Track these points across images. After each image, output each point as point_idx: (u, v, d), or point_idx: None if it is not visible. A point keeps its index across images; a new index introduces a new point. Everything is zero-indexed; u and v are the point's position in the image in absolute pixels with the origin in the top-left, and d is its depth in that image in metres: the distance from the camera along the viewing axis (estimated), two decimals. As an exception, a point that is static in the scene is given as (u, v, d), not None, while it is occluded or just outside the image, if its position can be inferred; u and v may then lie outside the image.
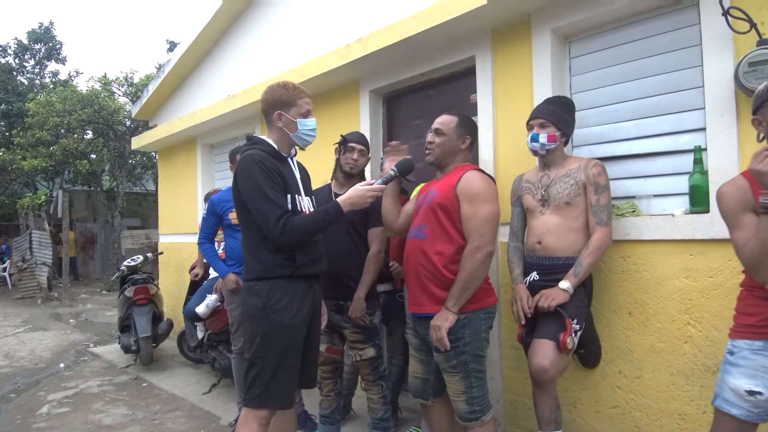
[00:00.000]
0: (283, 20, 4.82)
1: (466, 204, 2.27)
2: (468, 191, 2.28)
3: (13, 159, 13.73)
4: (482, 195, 2.27)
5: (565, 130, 2.50)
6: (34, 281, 11.68)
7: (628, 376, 2.56)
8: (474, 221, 2.25)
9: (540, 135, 2.47)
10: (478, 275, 2.23)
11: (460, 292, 2.23)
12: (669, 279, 2.41)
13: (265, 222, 2.12)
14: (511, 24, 3.05)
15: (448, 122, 2.46)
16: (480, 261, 2.22)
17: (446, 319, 2.23)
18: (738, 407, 1.73)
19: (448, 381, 2.34)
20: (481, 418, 2.30)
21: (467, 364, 2.27)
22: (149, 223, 16.37)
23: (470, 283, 2.23)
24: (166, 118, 6.61)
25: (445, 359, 2.29)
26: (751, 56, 2.11)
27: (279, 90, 2.26)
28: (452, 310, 2.23)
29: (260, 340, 2.15)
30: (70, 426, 3.71)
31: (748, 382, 1.71)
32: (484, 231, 2.24)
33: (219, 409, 3.90)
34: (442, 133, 2.45)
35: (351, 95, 4.09)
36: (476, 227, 2.24)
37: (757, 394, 1.69)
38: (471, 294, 2.25)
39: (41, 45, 19.06)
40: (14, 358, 5.90)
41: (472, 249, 2.23)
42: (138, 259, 5.78)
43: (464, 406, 2.31)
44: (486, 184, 2.31)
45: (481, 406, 2.31)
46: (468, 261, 2.22)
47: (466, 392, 2.29)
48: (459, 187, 2.30)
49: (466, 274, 2.22)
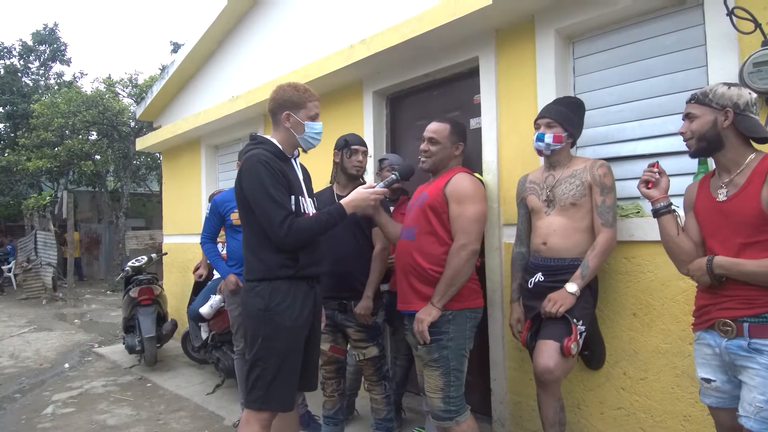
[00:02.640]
0: (287, 21, 4.83)
1: (455, 204, 2.36)
2: (457, 192, 2.37)
3: (18, 160, 13.81)
4: (470, 195, 2.36)
5: (572, 131, 2.50)
6: (38, 282, 11.73)
7: (633, 377, 2.55)
8: (461, 220, 2.33)
9: (546, 135, 2.47)
10: (462, 272, 2.31)
11: (445, 289, 2.30)
12: (673, 280, 2.40)
13: (269, 223, 2.12)
14: (514, 24, 3.04)
15: (441, 130, 2.51)
16: (465, 258, 2.30)
17: (429, 313, 2.31)
18: (708, 396, 1.89)
19: (428, 376, 2.39)
20: (456, 419, 2.34)
21: (449, 360, 2.34)
22: (153, 224, 16.40)
23: (455, 280, 2.31)
24: (171, 119, 6.63)
25: (427, 352, 2.35)
26: (756, 56, 2.11)
27: (290, 90, 2.27)
28: (437, 305, 2.31)
29: (262, 341, 2.14)
30: (75, 426, 3.72)
31: (701, 370, 1.88)
32: (471, 230, 2.33)
33: (223, 410, 3.91)
34: (437, 141, 2.50)
35: (354, 96, 4.09)
36: (463, 226, 2.33)
37: (710, 381, 1.84)
38: (456, 291, 2.32)
39: (46, 46, 19.14)
40: (19, 359, 5.93)
41: (457, 247, 2.32)
42: (142, 259, 5.80)
43: (440, 404, 2.34)
44: (474, 185, 2.40)
45: (457, 406, 2.35)
46: (453, 258, 2.31)
47: (443, 389, 2.33)
48: (448, 188, 2.39)
49: (451, 272, 2.30)
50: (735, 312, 1.74)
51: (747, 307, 1.72)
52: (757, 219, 1.70)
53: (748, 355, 1.70)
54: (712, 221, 1.83)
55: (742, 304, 1.73)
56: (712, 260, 1.77)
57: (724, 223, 1.79)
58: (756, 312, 1.70)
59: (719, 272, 1.75)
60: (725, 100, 1.78)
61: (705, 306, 1.84)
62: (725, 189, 1.81)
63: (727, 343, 1.76)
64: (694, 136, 1.85)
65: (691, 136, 1.85)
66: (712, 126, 1.79)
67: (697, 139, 1.84)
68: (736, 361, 1.75)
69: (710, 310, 1.82)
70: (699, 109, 1.83)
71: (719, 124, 1.79)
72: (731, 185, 1.80)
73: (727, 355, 1.77)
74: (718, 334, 1.79)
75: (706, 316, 1.83)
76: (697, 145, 1.85)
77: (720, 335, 1.78)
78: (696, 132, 1.84)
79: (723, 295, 1.78)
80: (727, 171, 1.83)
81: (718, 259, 1.76)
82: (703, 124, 1.81)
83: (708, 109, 1.81)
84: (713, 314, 1.80)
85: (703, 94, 1.83)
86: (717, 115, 1.79)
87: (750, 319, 1.71)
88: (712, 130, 1.80)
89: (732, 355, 1.75)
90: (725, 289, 1.77)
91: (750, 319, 1.71)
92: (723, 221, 1.79)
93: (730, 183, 1.80)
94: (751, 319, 1.71)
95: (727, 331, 1.75)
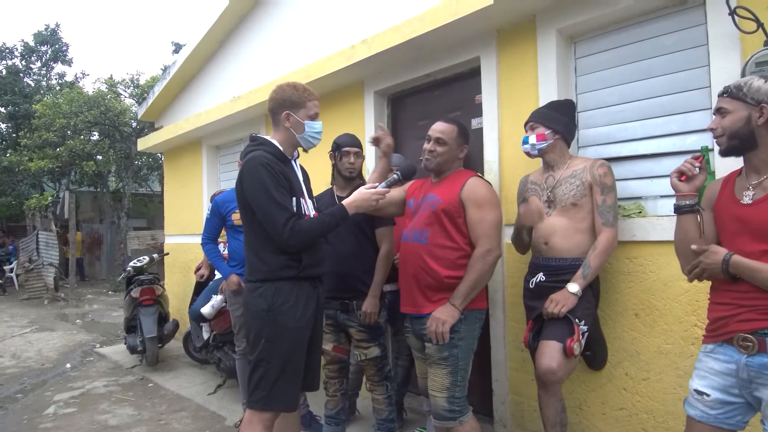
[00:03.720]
0: (288, 21, 4.83)
1: (475, 209, 2.37)
2: (476, 198, 2.39)
3: (20, 160, 13.84)
4: (489, 201, 2.40)
5: (556, 128, 2.50)
6: (40, 282, 11.75)
7: (635, 378, 2.54)
8: (483, 226, 2.36)
9: (529, 137, 2.53)
10: (486, 277, 2.38)
11: (467, 291, 2.33)
12: (676, 280, 2.39)
13: (272, 225, 2.12)
14: (516, 24, 3.04)
15: (449, 131, 2.52)
16: (490, 263, 2.35)
17: (451, 315, 2.32)
18: (693, 407, 1.77)
19: (434, 375, 2.39)
20: (460, 419, 2.35)
21: (458, 360, 2.35)
22: (155, 224, 16.41)
23: (478, 284, 2.35)
24: (172, 119, 6.63)
25: (437, 350, 2.35)
26: (758, 56, 2.10)
27: (289, 90, 2.28)
28: (459, 307, 2.32)
29: (265, 342, 2.14)
30: (77, 426, 3.73)
31: (698, 382, 1.76)
32: (493, 235, 2.37)
33: (224, 410, 3.91)
34: (444, 142, 2.50)
35: (356, 96, 4.09)
36: (486, 231, 2.36)
37: (704, 394, 1.73)
38: (476, 294, 2.36)
39: (47, 47, 19.17)
40: (21, 359, 5.94)
41: (483, 252, 2.34)
42: (144, 259, 5.81)
43: (444, 404, 2.34)
44: (491, 191, 2.45)
45: (460, 406, 2.36)
46: (478, 263, 2.33)
47: (449, 389, 2.34)
48: (464, 193, 2.40)
49: (476, 275, 2.32)
50: (755, 324, 1.60)
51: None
52: None
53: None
54: (733, 224, 1.70)
55: (764, 314, 1.59)
56: (730, 258, 1.62)
57: (744, 228, 1.65)
58: None
59: (733, 272, 1.63)
60: (761, 94, 1.62)
61: (721, 318, 1.70)
62: (752, 191, 1.66)
63: (748, 359, 1.62)
64: (725, 133, 1.68)
65: (722, 133, 1.69)
66: (746, 123, 1.63)
67: (728, 137, 1.67)
68: (756, 379, 1.61)
69: (728, 323, 1.67)
70: (732, 103, 1.67)
71: (753, 120, 1.63)
72: (759, 188, 1.66)
73: (745, 372, 1.63)
74: (737, 349, 1.64)
75: (724, 329, 1.69)
76: (728, 143, 1.68)
77: (739, 351, 1.64)
78: (727, 129, 1.67)
79: (742, 306, 1.64)
80: (756, 172, 1.68)
81: (736, 258, 1.61)
82: (735, 120, 1.65)
83: (741, 104, 1.65)
84: (731, 327, 1.66)
85: (737, 88, 1.67)
86: (751, 111, 1.63)
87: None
88: (745, 128, 1.64)
89: (752, 373, 1.61)
90: (744, 298, 1.63)
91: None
92: (744, 226, 1.65)
93: (758, 186, 1.66)
94: None
95: (748, 347, 1.61)
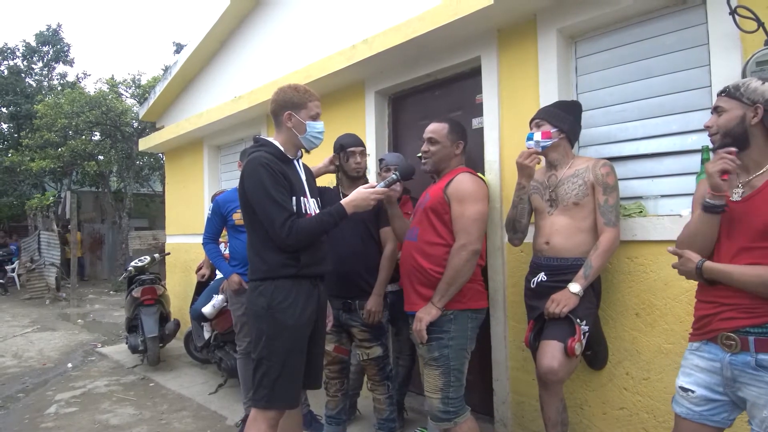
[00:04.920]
0: (289, 21, 4.84)
1: (456, 204, 2.36)
2: (458, 192, 2.37)
3: (22, 160, 13.86)
4: (471, 195, 2.36)
5: (562, 127, 2.49)
6: (42, 282, 11.77)
7: (636, 377, 2.54)
8: (462, 220, 2.34)
9: (534, 134, 2.51)
10: (463, 272, 2.32)
11: (445, 288, 2.31)
12: (676, 280, 2.39)
13: (270, 224, 2.14)
14: (516, 24, 3.04)
15: (440, 130, 2.52)
16: (465, 258, 2.30)
17: (428, 312, 2.32)
18: (679, 405, 1.80)
19: (427, 376, 2.38)
20: (455, 420, 2.33)
21: (449, 360, 2.33)
22: (156, 224, 16.44)
23: (455, 280, 2.31)
24: (173, 119, 6.64)
25: (427, 350, 2.36)
26: (759, 55, 2.10)
27: (290, 91, 2.30)
28: (437, 305, 2.32)
29: (266, 339, 2.16)
30: (78, 426, 3.73)
31: (683, 379, 1.80)
32: (472, 230, 2.33)
33: (225, 409, 3.91)
34: (436, 141, 2.51)
35: (357, 96, 4.09)
36: (464, 226, 2.33)
37: (689, 391, 1.76)
38: (456, 291, 2.33)
39: (49, 47, 19.17)
40: (22, 358, 5.95)
41: (458, 247, 2.32)
42: (145, 259, 5.82)
43: (439, 405, 2.34)
44: (475, 184, 2.40)
45: (456, 407, 2.34)
46: (454, 258, 2.31)
47: (443, 389, 2.33)
48: (449, 189, 2.40)
49: (451, 271, 2.31)
50: (737, 322, 1.64)
51: (749, 316, 1.62)
52: (766, 225, 1.61)
53: (755, 373, 1.60)
54: (724, 221, 1.72)
55: (744, 313, 1.63)
56: (702, 265, 1.69)
57: (735, 224, 1.69)
58: (760, 321, 1.60)
59: (708, 277, 1.69)
60: (757, 95, 1.65)
61: (705, 317, 1.74)
62: (741, 189, 1.70)
63: (731, 358, 1.65)
64: (719, 131, 1.71)
65: (717, 131, 1.72)
66: (740, 122, 1.67)
67: (722, 135, 1.71)
68: (739, 377, 1.64)
69: (711, 321, 1.72)
70: (729, 102, 1.70)
71: (747, 120, 1.66)
72: (748, 186, 1.69)
73: (729, 371, 1.66)
74: (721, 348, 1.68)
75: (707, 327, 1.73)
76: (721, 141, 1.71)
77: (723, 349, 1.67)
78: (722, 127, 1.70)
79: (723, 305, 1.68)
80: (746, 171, 1.71)
81: (708, 264, 1.68)
82: (730, 119, 1.69)
83: (738, 103, 1.68)
84: (714, 325, 1.70)
85: (735, 87, 1.70)
86: (746, 110, 1.66)
87: (754, 330, 1.61)
88: (739, 127, 1.67)
89: (736, 372, 1.65)
90: (725, 297, 1.68)
91: (754, 330, 1.61)
92: (735, 222, 1.69)
93: (747, 184, 1.70)
94: (755, 330, 1.61)
95: (731, 345, 1.65)
